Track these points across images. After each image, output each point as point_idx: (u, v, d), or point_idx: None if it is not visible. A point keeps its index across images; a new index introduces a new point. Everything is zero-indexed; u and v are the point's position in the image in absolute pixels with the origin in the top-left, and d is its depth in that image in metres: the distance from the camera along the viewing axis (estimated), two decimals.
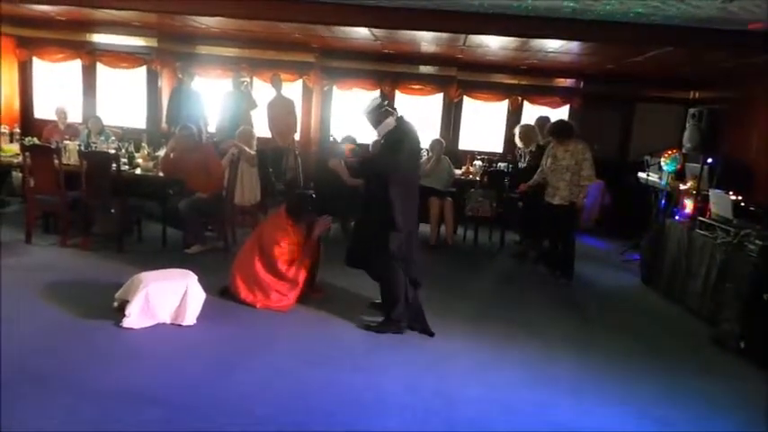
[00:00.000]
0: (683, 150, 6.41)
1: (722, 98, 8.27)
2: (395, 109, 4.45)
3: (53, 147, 5.99)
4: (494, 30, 6.03)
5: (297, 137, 8.92)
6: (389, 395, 3.45)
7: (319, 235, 4.90)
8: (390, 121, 4.28)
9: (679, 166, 6.99)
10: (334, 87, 9.68)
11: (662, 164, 7.10)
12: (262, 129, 8.28)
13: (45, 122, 8.22)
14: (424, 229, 6.97)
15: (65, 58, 9.30)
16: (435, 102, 9.64)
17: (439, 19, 5.77)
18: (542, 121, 7.31)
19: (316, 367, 3.72)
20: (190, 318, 4.19)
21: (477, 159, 8.61)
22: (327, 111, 9.79)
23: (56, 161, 5.71)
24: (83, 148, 6.37)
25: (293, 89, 9.24)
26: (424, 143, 7.13)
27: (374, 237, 4.29)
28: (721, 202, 5.37)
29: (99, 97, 9.39)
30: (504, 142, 9.54)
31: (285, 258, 4.67)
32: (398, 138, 4.26)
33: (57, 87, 9.42)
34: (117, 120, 8.83)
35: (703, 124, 5.83)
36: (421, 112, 9.36)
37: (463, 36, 6.81)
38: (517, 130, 7.21)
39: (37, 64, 9.47)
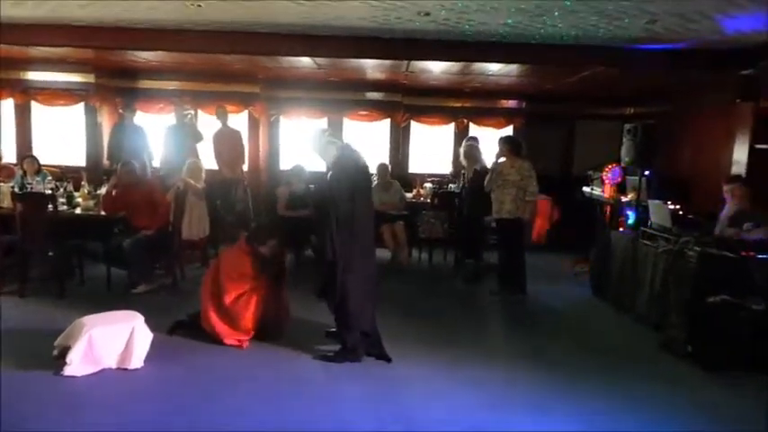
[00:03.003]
0: (622, 164, 6.67)
1: (655, 113, 8.68)
2: (338, 138, 4.47)
3: None
4: (435, 55, 6.18)
5: (245, 168, 8.81)
6: (350, 424, 3.38)
7: (273, 273, 4.72)
8: (332, 151, 4.29)
9: (619, 180, 7.26)
10: (281, 117, 9.66)
11: (604, 178, 7.36)
12: (209, 161, 8.15)
13: None
14: (379, 253, 6.95)
15: None
16: (383, 127, 9.74)
17: (380, 46, 5.87)
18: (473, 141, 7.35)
19: (274, 403, 3.61)
20: (137, 361, 4.01)
21: (427, 182, 8.71)
22: (275, 141, 9.74)
23: None
24: (17, 189, 6.09)
25: (239, 120, 9.16)
26: (372, 168, 7.17)
27: (327, 266, 4.24)
28: (660, 212, 5.59)
29: (35, 136, 9.06)
30: (453, 164, 9.69)
31: (234, 291, 4.51)
32: (341, 167, 4.26)
33: None
34: (55, 159, 8.53)
35: (638, 139, 6.08)
36: (369, 138, 9.43)
37: (406, 62, 6.93)
38: (462, 149, 7.11)
39: None
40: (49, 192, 6.17)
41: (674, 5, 4.28)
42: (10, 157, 8.27)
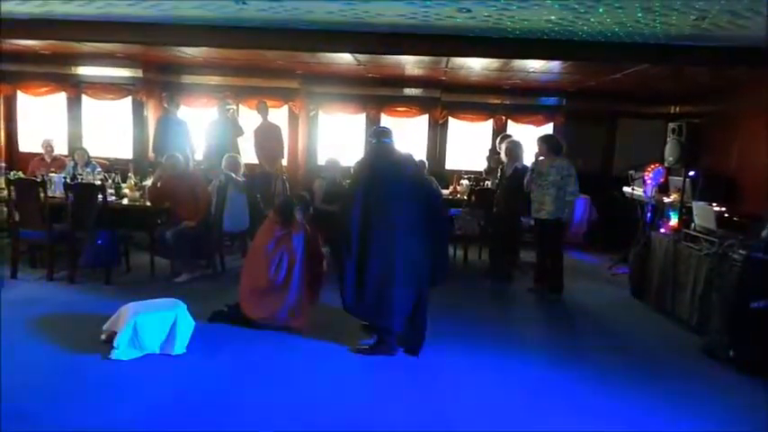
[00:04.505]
0: (665, 164, 6.51)
1: (701, 112, 8.43)
2: (377, 135, 4.53)
3: (38, 180, 5.96)
4: (475, 52, 6.13)
5: (284, 162, 8.95)
6: (385, 420, 3.43)
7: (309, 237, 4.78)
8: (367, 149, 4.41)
9: (662, 180, 7.09)
10: (320, 112, 9.77)
11: (646, 178, 7.19)
12: (249, 155, 8.32)
13: (30, 156, 8.19)
14: None
15: (49, 92, 9.32)
16: (421, 123, 9.75)
17: (420, 43, 5.86)
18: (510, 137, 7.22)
19: (310, 395, 3.69)
20: (179, 347, 4.15)
21: (464, 178, 8.67)
22: (314, 136, 9.86)
23: (41, 194, 5.69)
24: (68, 180, 6.35)
25: (279, 115, 9.30)
26: None
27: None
28: (705, 213, 5.44)
29: (85, 129, 9.39)
30: (488, 159, 9.59)
31: (274, 259, 4.62)
32: (358, 165, 4.49)
33: (42, 120, 9.41)
34: (104, 151, 8.83)
35: (683, 138, 5.93)
36: (407, 134, 9.45)
37: (446, 58, 6.91)
38: (504, 145, 6.86)
39: (21, 98, 9.47)
40: (99, 182, 6.40)
41: (726, 2, 4.16)
42: (62, 148, 8.62)
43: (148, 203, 6.26)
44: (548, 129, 9.36)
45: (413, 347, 4.37)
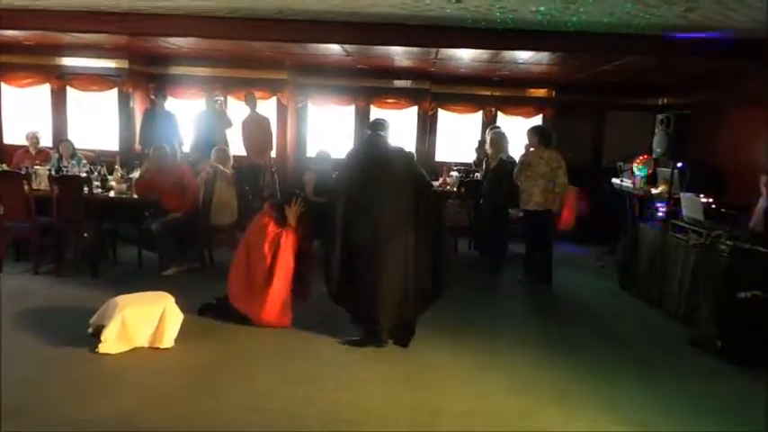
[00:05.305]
0: (654, 156, 6.54)
1: (689, 104, 8.47)
2: (371, 126, 4.52)
3: (23, 173, 5.88)
4: (465, 43, 6.12)
5: (273, 154, 8.90)
6: (373, 411, 3.43)
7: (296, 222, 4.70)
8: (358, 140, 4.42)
9: (650, 171, 7.12)
10: (309, 104, 9.71)
11: (634, 169, 7.23)
12: (237, 147, 8.25)
13: (14, 148, 8.07)
14: None
15: (33, 83, 9.16)
16: (410, 115, 9.72)
17: (409, 34, 5.84)
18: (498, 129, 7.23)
19: (299, 386, 3.68)
20: (168, 340, 4.12)
21: (454, 170, 8.67)
22: (303, 127, 9.80)
23: (26, 187, 5.61)
24: (53, 172, 6.27)
25: (268, 107, 9.23)
26: None
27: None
28: (692, 204, 5.48)
29: (70, 121, 9.26)
30: (477, 151, 9.59)
31: (266, 258, 4.56)
32: (347, 157, 4.53)
33: (26, 112, 9.25)
34: (89, 143, 8.71)
35: (671, 129, 5.96)
36: (396, 126, 9.39)
37: (435, 50, 6.89)
38: (489, 136, 6.89)
39: (4, 89, 9.30)
40: (84, 175, 6.33)
41: None
42: (46, 140, 8.50)
43: (135, 196, 6.19)
44: (537, 120, 9.37)
45: (402, 339, 4.38)
